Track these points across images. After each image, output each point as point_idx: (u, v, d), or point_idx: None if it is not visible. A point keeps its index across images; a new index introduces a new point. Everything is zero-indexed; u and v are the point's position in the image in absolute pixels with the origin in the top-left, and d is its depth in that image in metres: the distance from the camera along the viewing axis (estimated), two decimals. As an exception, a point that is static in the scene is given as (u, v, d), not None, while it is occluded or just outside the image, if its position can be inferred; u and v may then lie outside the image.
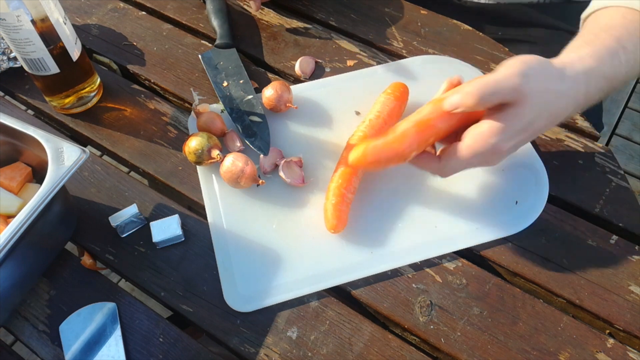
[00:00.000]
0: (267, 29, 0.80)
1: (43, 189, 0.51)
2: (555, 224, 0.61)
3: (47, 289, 0.59)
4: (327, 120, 0.69)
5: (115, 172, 0.67)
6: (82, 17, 0.83)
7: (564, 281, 0.57)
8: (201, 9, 0.84)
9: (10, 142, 0.60)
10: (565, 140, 0.67)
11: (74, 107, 0.71)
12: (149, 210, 0.64)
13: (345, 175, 0.60)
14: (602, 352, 0.53)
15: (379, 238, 0.60)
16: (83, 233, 0.62)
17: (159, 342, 0.56)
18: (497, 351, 0.53)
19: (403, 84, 0.68)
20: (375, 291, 0.57)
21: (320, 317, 0.56)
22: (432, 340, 0.54)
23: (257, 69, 0.76)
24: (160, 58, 0.78)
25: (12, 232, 0.49)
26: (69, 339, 0.55)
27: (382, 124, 0.64)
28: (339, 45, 0.78)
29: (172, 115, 0.72)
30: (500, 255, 0.59)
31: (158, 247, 0.61)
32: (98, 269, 0.61)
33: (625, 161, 1.62)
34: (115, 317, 0.56)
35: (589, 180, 0.64)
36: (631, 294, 0.56)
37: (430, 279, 0.58)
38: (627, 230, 0.61)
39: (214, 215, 0.62)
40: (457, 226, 0.60)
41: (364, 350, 0.54)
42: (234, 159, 0.61)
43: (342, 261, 0.59)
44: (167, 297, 0.58)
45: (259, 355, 0.54)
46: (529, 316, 0.55)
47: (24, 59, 0.63)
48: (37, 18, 0.59)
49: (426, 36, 0.79)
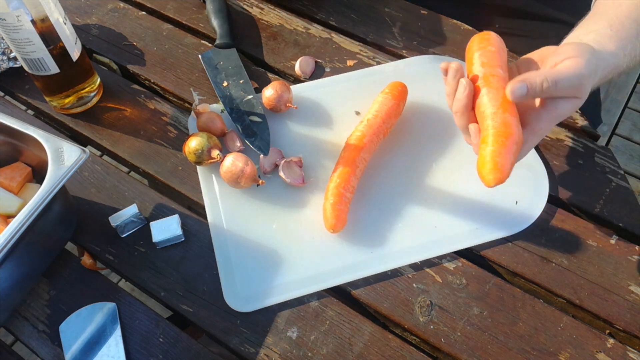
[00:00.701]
0: (267, 29, 0.80)
1: (43, 189, 0.51)
2: (555, 224, 0.61)
3: (47, 289, 0.59)
4: (327, 120, 0.69)
5: (115, 172, 0.67)
6: (82, 17, 0.83)
7: (564, 281, 0.57)
8: (201, 9, 0.84)
9: (10, 142, 0.60)
10: (565, 140, 0.68)
11: (74, 107, 0.71)
12: (149, 210, 0.64)
13: (344, 175, 0.60)
14: (602, 352, 0.53)
15: (378, 238, 0.60)
16: (83, 233, 0.62)
17: (159, 342, 0.56)
18: (497, 351, 0.53)
19: (401, 83, 0.68)
20: (375, 291, 0.57)
21: (320, 317, 0.56)
22: (432, 340, 0.54)
23: (257, 69, 0.76)
24: (160, 58, 0.78)
25: (12, 232, 0.49)
26: (69, 339, 0.55)
27: (380, 123, 0.64)
28: (339, 45, 0.78)
29: (172, 115, 0.72)
30: (500, 255, 0.59)
31: (158, 247, 0.61)
32: (98, 269, 0.61)
33: (625, 161, 1.62)
34: (115, 317, 0.56)
35: (589, 180, 0.64)
36: (631, 294, 0.56)
37: (430, 279, 0.58)
38: (627, 230, 0.61)
39: (214, 215, 0.62)
40: (457, 226, 0.60)
41: (364, 350, 0.54)
42: (234, 159, 0.61)
43: (342, 261, 0.59)
44: (167, 297, 0.58)
45: (259, 355, 0.54)
46: (529, 316, 0.55)
47: (24, 59, 0.63)
48: (37, 18, 0.59)
49: (426, 36, 0.79)
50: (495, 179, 0.48)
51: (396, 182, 0.64)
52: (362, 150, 0.62)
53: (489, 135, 0.49)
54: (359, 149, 0.62)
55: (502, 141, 0.48)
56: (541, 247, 0.59)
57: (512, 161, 0.48)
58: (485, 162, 0.48)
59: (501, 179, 0.48)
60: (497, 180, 0.48)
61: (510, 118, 0.49)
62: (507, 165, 0.48)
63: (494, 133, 0.49)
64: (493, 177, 0.48)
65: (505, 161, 0.48)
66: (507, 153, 0.48)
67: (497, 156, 0.48)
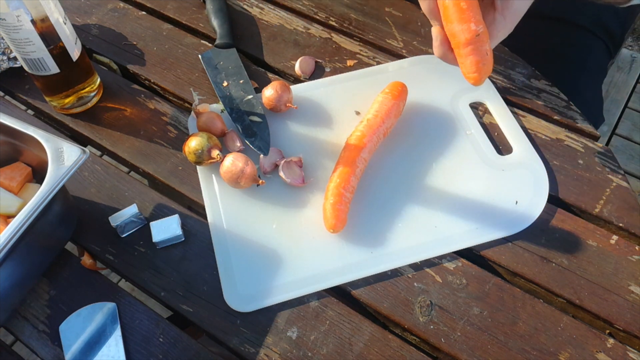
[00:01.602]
0: (267, 29, 0.80)
1: (43, 189, 0.51)
2: (555, 224, 0.61)
3: (47, 289, 0.59)
4: (327, 120, 0.69)
5: (115, 172, 0.67)
6: (82, 17, 0.83)
7: (564, 281, 0.57)
8: (201, 9, 0.84)
9: (10, 142, 0.60)
10: (565, 140, 0.68)
11: (74, 107, 0.71)
12: (149, 210, 0.64)
13: (344, 175, 0.60)
14: (602, 352, 0.53)
15: (378, 238, 0.60)
16: (83, 233, 0.62)
17: (159, 342, 0.56)
18: (497, 351, 0.53)
19: (401, 82, 0.68)
20: (375, 291, 0.57)
21: (320, 317, 0.56)
22: (432, 340, 0.54)
23: (257, 69, 0.76)
24: (160, 58, 0.78)
25: (12, 232, 0.49)
26: (69, 339, 0.55)
27: (380, 123, 0.64)
28: (339, 45, 0.78)
29: (172, 115, 0.72)
30: (500, 255, 0.59)
31: (158, 247, 0.61)
32: (98, 269, 0.61)
33: (625, 161, 1.62)
34: (115, 317, 0.56)
35: (589, 180, 0.64)
36: (631, 294, 0.56)
37: (430, 279, 0.58)
38: (627, 230, 0.61)
39: (214, 215, 0.62)
40: (457, 226, 0.60)
41: (364, 350, 0.54)
42: (234, 159, 0.61)
43: (342, 261, 0.59)
44: (167, 297, 0.58)
45: (259, 355, 0.54)
46: (529, 316, 0.55)
47: (24, 59, 0.63)
48: (37, 18, 0.59)
49: (426, 36, 0.79)
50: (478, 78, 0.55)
51: (396, 182, 0.64)
52: (362, 150, 0.62)
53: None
54: (359, 149, 0.62)
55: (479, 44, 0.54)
56: (541, 247, 0.59)
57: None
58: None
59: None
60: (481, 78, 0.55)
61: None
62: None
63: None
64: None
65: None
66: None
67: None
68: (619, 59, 1.74)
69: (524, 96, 0.72)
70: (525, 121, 0.69)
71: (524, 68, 0.75)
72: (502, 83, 0.73)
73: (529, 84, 0.73)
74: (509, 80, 0.73)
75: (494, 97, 0.70)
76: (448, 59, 0.57)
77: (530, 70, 0.74)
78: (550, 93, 0.72)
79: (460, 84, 0.71)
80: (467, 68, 0.55)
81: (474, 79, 0.55)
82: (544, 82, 0.73)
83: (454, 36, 0.54)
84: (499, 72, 0.74)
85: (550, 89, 0.72)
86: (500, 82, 0.73)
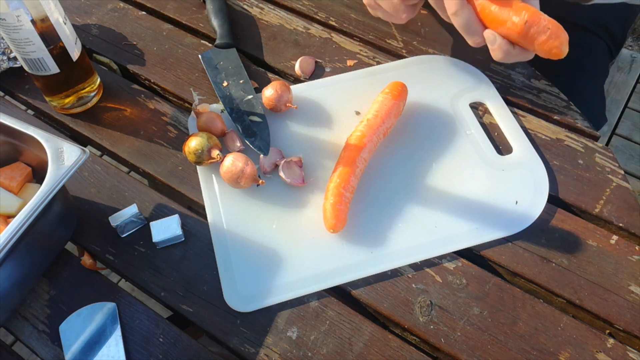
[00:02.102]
0: (267, 29, 0.80)
1: (43, 189, 0.51)
2: (555, 224, 0.61)
3: (47, 289, 0.59)
4: (327, 120, 0.69)
5: (115, 172, 0.67)
6: (82, 17, 0.83)
7: (564, 281, 0.57)
8: (201, 9, 0.84)
9: (10, 142, 0.60)
10: (565, 140, 0.68)
11: (74, 107, 0.71)
12: (149, 210, 0.64)
13: (344, 175, 0.60)
14: (602, 352, 0.53)
15: (378, 238, 0.60)
16: (83, 233, 0.62)
17: (159, 342, 0.56)
18: (497, 351, 0.53)
19: (401, 82, 0.68)
20: (375, 291, 0.57)
21: (320, 317, 0.56)
22: (432, 340, 0.54)
23: (257, 69, 0.76)
24: (160, 58, 0.78)
25: (12, 232, 0.49)
26: (69, 339, 0.55)
27: (380, 123, 0.64)
28: (339, 45, 0.78)
29: (172, 115, 0.72)
30: (500, 255, 0.59)
31: (158, 247, 0.61)
32: (98, 269, 0.61)
33: (625, 161, 1.62)
34: (115, 317, 0.56)
35: (589, 180, 0.64)
36: (631, 294, 0.56)
37: (430, 279, 0.58)
38: (627, 230, 0.61)
39: (214, 215, 0.62)
40: (457, 226, 0.60)
41: (364, 350, 0.54)
42: (234, 159, 0.61)
43: (342, 261, 0.59)
44: (167, 297, 0.58)
45: (259, 355, 0.54)
46: (529, 316, 0.55)
47: (24, 59, 0.63)
48: (37, 18, 0.59)
49: (426, 36, 0.79)
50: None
51: (396, 182, 0.64)
52: (362, 150, 0.62)
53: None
54: (359, 149, 0.62)
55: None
56: (541, 247, 0.59)
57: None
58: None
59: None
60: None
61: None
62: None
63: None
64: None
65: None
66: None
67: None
68: (619, 59, 1.74)
69: (524, 96, 0.72)
70: (525, 121, 0.69)
71: (524, 68, 0.75)
72: (502, 83, 0.73)
73: (529, 84, 0.73)
74: (509, 80, 0.73)
75: (494, 97, 0.70)
76: (511, 55, 0.59)
77: (530, 70, 0.74)
78: (550, 93, 0.72)
79: (460, 84, 0.72)
80: (542, 51, 0.56)
81: (556, 54, 0.55)
82: (544, 82, 0.73)
83: (508, 33, 0.57)
84: (498, 72, 0.74)
85: (550, 89, 0.72)
86: (500, 82, 0.73)
